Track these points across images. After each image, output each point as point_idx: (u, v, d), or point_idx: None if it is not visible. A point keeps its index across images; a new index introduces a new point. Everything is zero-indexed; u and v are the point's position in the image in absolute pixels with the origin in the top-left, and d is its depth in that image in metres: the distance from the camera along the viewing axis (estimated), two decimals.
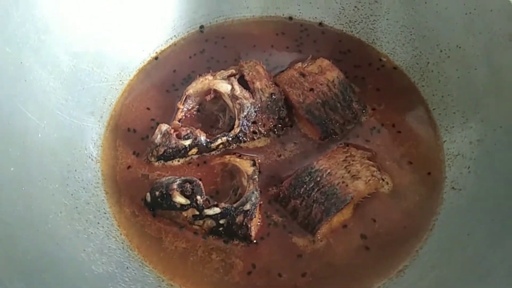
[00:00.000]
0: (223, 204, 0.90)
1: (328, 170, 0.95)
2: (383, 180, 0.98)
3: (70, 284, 0.78)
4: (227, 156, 1.00)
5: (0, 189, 0.79)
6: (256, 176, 0.94)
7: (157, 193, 0.91)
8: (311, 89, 1.05)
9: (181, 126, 1.00)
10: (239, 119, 1.00)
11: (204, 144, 0.99)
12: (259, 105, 1.02)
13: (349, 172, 0.95)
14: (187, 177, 0.93)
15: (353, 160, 0.97)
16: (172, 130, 0.98)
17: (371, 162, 0.99)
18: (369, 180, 0.95)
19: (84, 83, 1.03)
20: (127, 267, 0.87)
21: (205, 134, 0.99)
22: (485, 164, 0.95)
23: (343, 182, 0.94)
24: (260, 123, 1.02)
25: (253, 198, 0.90)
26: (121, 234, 0.92)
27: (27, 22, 0.93)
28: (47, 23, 0.96)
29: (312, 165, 0.96)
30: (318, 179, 0.94)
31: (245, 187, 0.93)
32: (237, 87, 1.02)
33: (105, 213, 0.93)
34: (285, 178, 0.96)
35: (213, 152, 1.01)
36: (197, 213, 0.89)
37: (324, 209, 0.91)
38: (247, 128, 1.01)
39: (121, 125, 1.05)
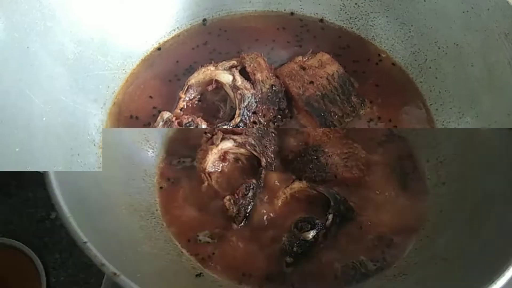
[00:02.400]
0: None
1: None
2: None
3: None
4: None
5: (6, 168, 0.80)
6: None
7: None
8: (311, 82, 1.07)
9: (183, 114, 1.02)
10: (239, 109, 1.02)
11: None
12: (259, 96, 1.03)
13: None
14: None
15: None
16: (174, 118, 0.99)
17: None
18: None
19: (88, 71, 1.04)
20: None
21: (206, 123, 1.01)
22: None
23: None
24: (260, 114, 1.03)
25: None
26: None
27: (34, 8, 0.94)
28: (53, 11, 0.97)
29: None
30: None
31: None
32: (239, 78, 1.03)
33: None
34: None
35: None
36: None
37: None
38: (247, 118, 1.02)
39: (124, 112, 1.05)
